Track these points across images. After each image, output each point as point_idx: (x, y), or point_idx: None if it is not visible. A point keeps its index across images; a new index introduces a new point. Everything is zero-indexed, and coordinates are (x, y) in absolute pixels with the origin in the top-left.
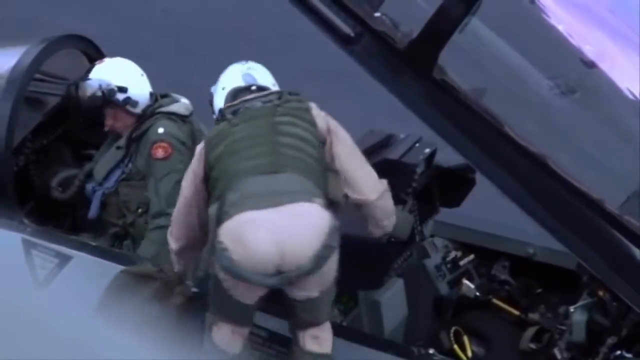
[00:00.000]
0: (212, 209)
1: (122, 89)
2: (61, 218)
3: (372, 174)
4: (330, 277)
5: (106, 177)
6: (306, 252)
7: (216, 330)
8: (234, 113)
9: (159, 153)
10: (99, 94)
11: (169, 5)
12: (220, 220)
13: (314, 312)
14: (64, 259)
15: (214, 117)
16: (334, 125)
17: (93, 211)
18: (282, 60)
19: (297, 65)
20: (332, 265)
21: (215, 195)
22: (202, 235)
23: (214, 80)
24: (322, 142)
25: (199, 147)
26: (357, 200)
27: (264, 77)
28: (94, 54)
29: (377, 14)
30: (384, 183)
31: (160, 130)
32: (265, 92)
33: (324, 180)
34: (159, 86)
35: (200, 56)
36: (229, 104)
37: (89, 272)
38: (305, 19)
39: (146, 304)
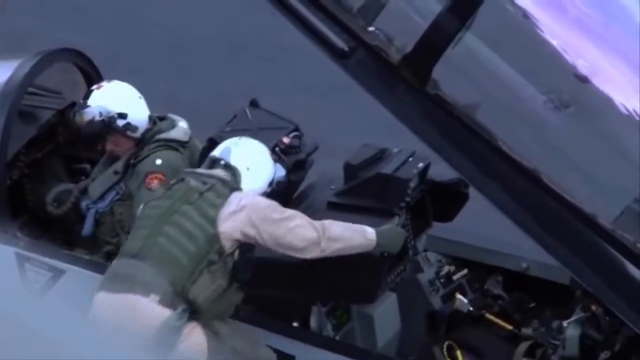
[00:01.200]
0: None
1: (122, 115)
2: (55, 232)
3: (298, 231)
4: None
5: (101, 197)
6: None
7: None
8: (181, 180)
9: (154, 184)
10: (99, 120)
11: (162, 19)
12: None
13: None
14: (58, 273)
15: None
16: (255, 216)
17: (87, 229)
18: (276, 73)
19: (290, 79)
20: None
21: None
22: None
23: (206, 94)
24: (234, 240)
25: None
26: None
27: (242, 157)
28: (88, 68)
29: (371, 28)
30: (318, 228)
31: (158, 161)
32: (209, 174)
33: (190, 280)
34: (151, 100)
35: (193, 70)
36: (191, 170)
37: (82, 286)
38: (299, 32)
39: None
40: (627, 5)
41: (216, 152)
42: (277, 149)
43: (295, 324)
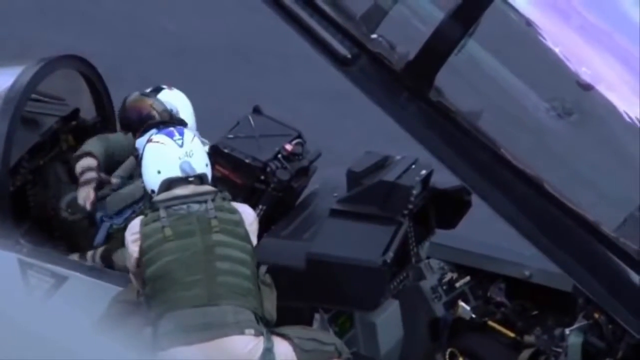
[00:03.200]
0: (147, 332)
1: (182, 123)
2: (58, 239)
3: None
4: None
5: (118, 213)
6: None
7: None
8: (167, 208)
9: None
10: (166, 114)
11: (166, 26)
12: (155, 346)
13: None
14: (60, 280)
15: (141, 184)
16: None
17: (99, 240)
18: (279, 80)
19: (293, 86)
20: None
21: (152, 307)
22: None
23: (210, 101)
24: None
25: (132, 237)
26: None
27: (199, 161)
28: (91, 75)
29: (374, 36)
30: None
31: None
32: (200, 192)
33: (259, 300)
34: None
35: (197, 77)
36: (163, 198)
37: (85, 292)
38: (302, 40)
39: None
40: (629, 13)
41: (170, 171)
42: (280, 155)
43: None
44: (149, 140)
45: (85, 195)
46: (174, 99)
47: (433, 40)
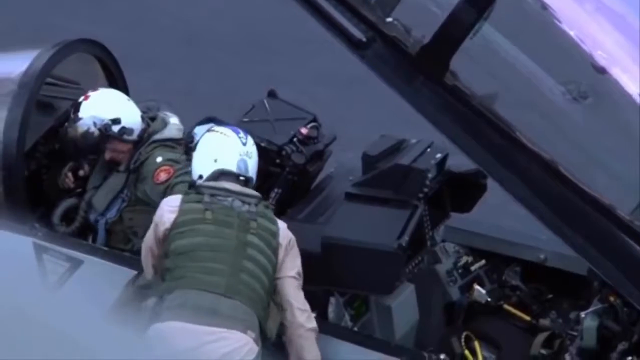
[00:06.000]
0: (150, 302)
1: (116, 121)
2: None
3: (304, 303)
4: None
5: (108, 207)
6: None
7: None
8: (213, 196)
9: (162, 176)
10: (94, 130)
11: (180, 11)
12: (154, 316)
13: None
14: (76, 263)
15: (190, 155)
16: (293, 244)
17: (100, 240)
18: (294, 65)
19: (309, 71)
20: None
21: (165, 279)
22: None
23: (224, 85)
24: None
25: (170, 208)
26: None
27: (254, 166)
28: (106, 59)
29: (389, 19)
30: (312, 320)
31: (159, 159)
32: (247, 193)
33: (266, 313)
34: (169, 92)
35: (211, 63)
36: (211, 185)
37: (100, 276)
38: (317, 24)
39: None
40: None
41: (228, 164)
42: (295, 139)
43: (313, 315)
44: (211, 130)
45: (62, 180)
46: (95, 107)
47: (448, 24)
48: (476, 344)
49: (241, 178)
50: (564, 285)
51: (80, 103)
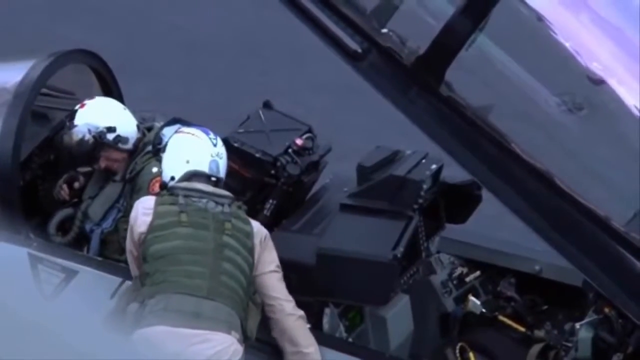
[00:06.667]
0: (132, 307)
1: (111, 129)
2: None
3: (287, 294)
4: None
5: (103, 217)
6: None
7: None
8: (186, 197)
9: (157, 187)
10: (89, 138)
11: (177, 20)
12: (137, 322)
13: None
14: (71, 274)
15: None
16: (268, 239)
17: (93, 250)
18: (289, 75)
19: (304, 80)
20: None
21: (145, 284)
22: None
23: (220, 95)
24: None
25: (144, 211)
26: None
27: (224, 167)
28: (101, 69)
29: (385, 30)
30: (297, 308)
31: (154, 169)
32: (219, 194)
33: (246, 314)
34: (165, 101)
35: (207, 71)
36: (184, 186)
37: (95, 286)
38: (312, 34)
39: None
40: None
41: (199, 165)
42: (290, 150)
43: (308, 326)
44: (180, 131)
45: (57, 192)
46: (91, 115)
47: (443, 35)
48: (471, 355)
49: (213, 179)
50: (559, 297)
51: (76, 111)
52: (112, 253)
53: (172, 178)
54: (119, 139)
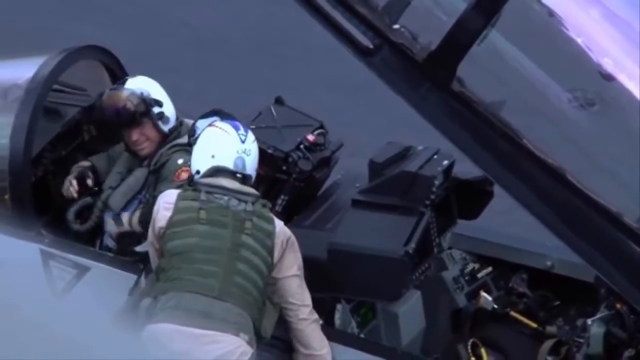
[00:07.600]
0: (145, 302)
1: (159, 103)
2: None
3: (305, 299)
4: None
5: (124, 208)
6: None
7: None
8: (209, 193)
9: (184, 176)
10: (139, 100)
11: (188, 17)
12: (148, 317)
13: None
14: (82, 270)
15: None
16: (292, 242)
17: (111, 241)
18: (301, 72)
19: (316, 77)
20: None
21: (160, 279)
22: None
23: (232, 91)
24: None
25: (166, 205)
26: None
27: (252, 163)
28: (113, 65)
29: (396, 26)
30: (314, 312)
31: (180, 161)
32: (244, 191)
33: (261, 314)
34: (177, 98)
35: (219, 68)
36: (208, 182)
37: (107, 283)
38: (324, 30)
39: None
40: None
41: (225, 161)
42: (302, 146)
43: (320, 322)
44: (212, 125)
45: (66, 187)
46: (142, 84)
47: (455, 31)
48: (483, 351)
49: (238, 175)
50: (571, 292)
51: (125, 79)
52: (128, 245)
53: (198, 172)
54: (162, 115)
